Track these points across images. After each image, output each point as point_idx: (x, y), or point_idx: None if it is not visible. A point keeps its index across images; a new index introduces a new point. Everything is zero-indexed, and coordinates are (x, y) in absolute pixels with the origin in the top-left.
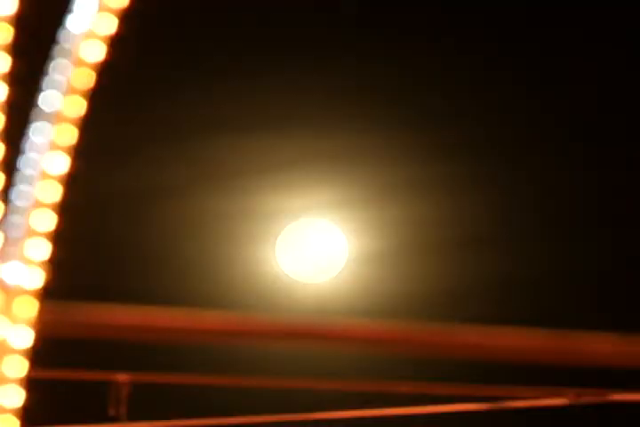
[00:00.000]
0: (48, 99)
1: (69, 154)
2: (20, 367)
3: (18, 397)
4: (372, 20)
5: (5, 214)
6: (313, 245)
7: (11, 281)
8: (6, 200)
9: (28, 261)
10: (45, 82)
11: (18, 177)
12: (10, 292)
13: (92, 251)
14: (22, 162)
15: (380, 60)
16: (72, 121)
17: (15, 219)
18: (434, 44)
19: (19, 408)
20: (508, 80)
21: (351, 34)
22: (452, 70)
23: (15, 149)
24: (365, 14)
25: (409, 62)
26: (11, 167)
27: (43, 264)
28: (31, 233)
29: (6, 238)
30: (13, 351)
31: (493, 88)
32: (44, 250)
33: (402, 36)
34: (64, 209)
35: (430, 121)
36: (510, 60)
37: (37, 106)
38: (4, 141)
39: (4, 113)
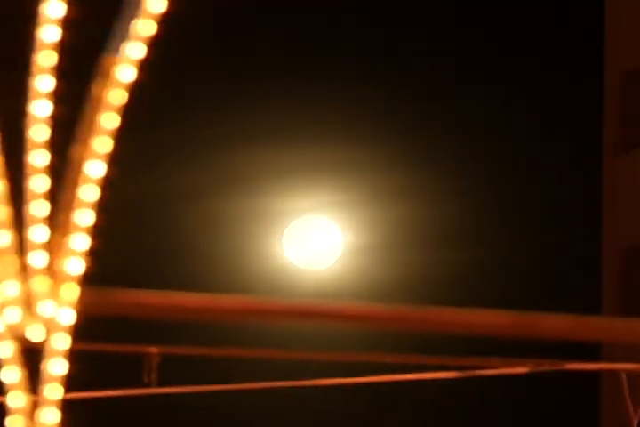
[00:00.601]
0: (87, 113)
1: (106, 161)
2: (65, 342)
3: (63, 367)
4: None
5: (52, 212)
6: (314, 239)
7: (57, 269)
8: (53, 200)
9: (71, 253)
10: (85, 99)
11: (62, 180)
12: (57, 278)
13: (128, 243)
14: (66, 167)
15: (366, 85)
16: (109, 133)
17: (61, 216)
18: (408, 72)
19: (64, 376)
20: (471, 106)
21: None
22: (424, 98)
23: (61, 156)
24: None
25: (390, 88)
26: (56, 172)
27: (84, 255)
28: (74, 228)
29: (52, 233)
30: (60, 328)
31: (461, 114)
32: (85, 242)
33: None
34: (103, 207)
35: (412, 137)
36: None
37: (78, 120)
38: (49, 150)
39: (50, 126)
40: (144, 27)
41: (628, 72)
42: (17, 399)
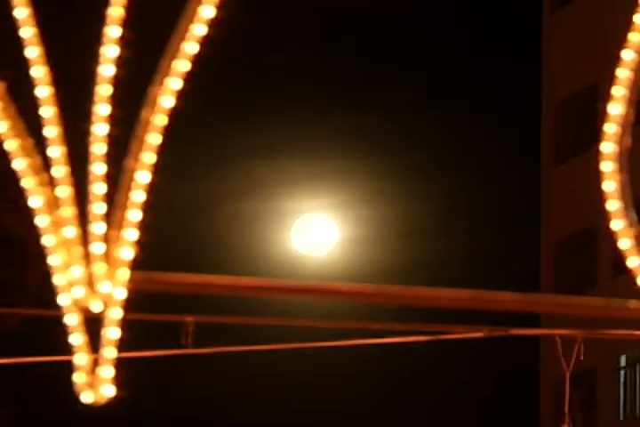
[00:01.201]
0: (137, 132)
1: (151, 170)
2: (119, 313)
3: (117, 332)
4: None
5: (109, 211)
6: (315, 232)
7: (113, 256)
8: (110, 202)
9: (124, 243)
10: (135, 121)
11: (117, 186)
12: (112, 263)
13: (170, 235)
14: (120, 175)
15: (352, 111)
16: (154, 148)
17: (116, 214)
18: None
19: (118, 340)
20: (435, 132)
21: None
22: (403, 125)
23: (116, 167)
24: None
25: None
26: (112, 179)
27: (134, 245)
28: (126, 224)
29: (109, 228)
30: (115, 302)
31: (427, 137)
32: (135, 235)
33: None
34: (150, 207)
35: (390, 154)
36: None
37: (129, 138)
38: (107, 162)
39: (107, 143)
40: (181, 64)
41: (563, 98)
42: (81, 359)
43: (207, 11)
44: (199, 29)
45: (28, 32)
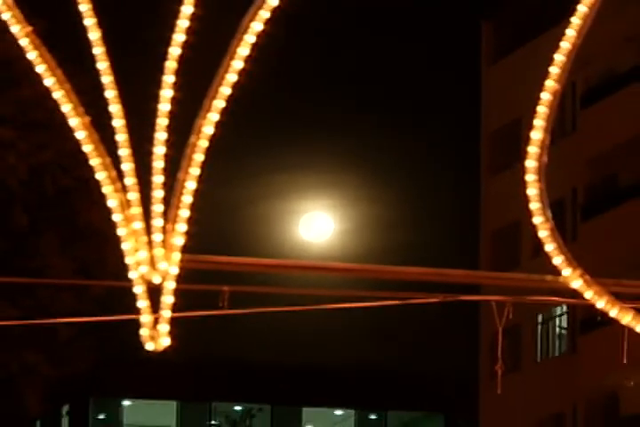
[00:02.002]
0: (191, 141)
1: (197, 180)
2: (173, 284)
3: (172, 298)
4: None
5: (165, 210)
6: (316, 225)
7: (169, 243)
8: (166, 203)
9: (177, 234)
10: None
11: (172, 191)
12: (168, 248)
13: (209, 228)
14: (174, 184)
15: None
16: (198, 164)
17: (171, 213)
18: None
19: (172, 304)
20: (393, 153)
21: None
22: (375, 150)
23: (171, 177)
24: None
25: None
26: (168, 188)
27: (184, 234)
28: (179, 219)
29: (166, 222)
30: (170, 277)
31: (386, 157)
32: (185, 228)
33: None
34: (197, 206)
35: (368, 169)
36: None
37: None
38: (164, 174)
39: (164, 160)
40: (219, 102)
41: (497, 128)
42: (145, 318)
43: (238, 63)
44: (232, 77)
45: (103, 68)
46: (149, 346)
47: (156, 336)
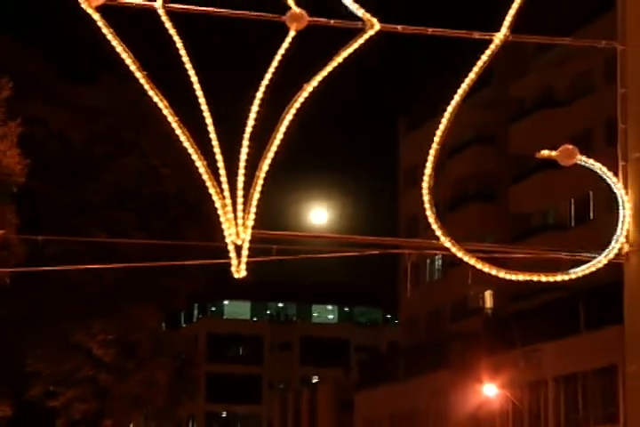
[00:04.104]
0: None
1: (261, 188)
2: (247, 245)
3: (247, 252)
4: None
5: (244, 203)
6: (318, 215)
7: (246, 223)
8: (245, 200)
9: (249, 219)
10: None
11: (248, 193)
12: (245, 226)
13: (267, 217)
14: (251, 189)
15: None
16: (260, 184)
17: (247, 205)
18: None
19: (247, 255)
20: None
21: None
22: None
23: (248, 185)
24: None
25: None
26: (245, 191)
27: (252, 220)
28: (250, 209)
29: (244, 212)
30: (247, 241)
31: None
32: (253, 216)
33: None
34: (260, 203)
35: (352, 182)
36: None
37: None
38: (243, 188)
39: (243, 175)
40: (277, 143)
41: (410, 167)
42: (234, 261)
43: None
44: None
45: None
46: (236, 275)
47: (239, 270)
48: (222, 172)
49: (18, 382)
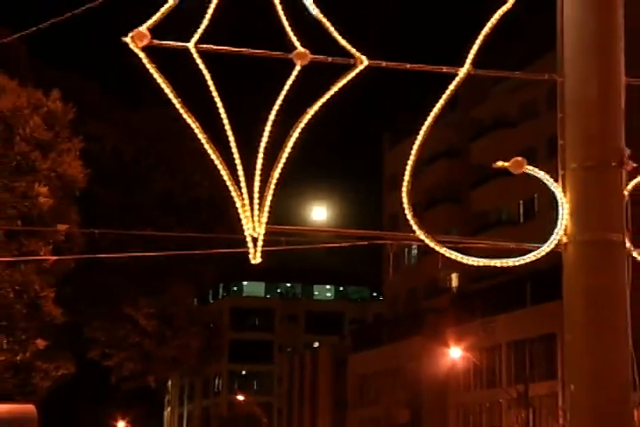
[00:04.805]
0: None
1: (273, 192)
2: (262, 237)
3: (262, 241)
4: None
5: (259, 203)
6: (318, 213)
7: (260, 220)
8: (260, 202)
9: (263, 216)
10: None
11: (262, 196)
12: (260, 222)
13: (277, 214)
14: (264, 193)
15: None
16: (272, 188)
17: (262, 204)
18: None
19: (262, 245)
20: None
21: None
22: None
23: (263, 189)
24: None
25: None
26: (260, 193)
27: (265, 217)
28: (265, 209)
29: (259, 211)
30: (261, 235)
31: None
32: (266, 213)
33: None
34: (272, 204)
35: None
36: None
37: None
38: (259, 191)
39: (259, 181)
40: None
41: (392, 175)
42: (251, 249)
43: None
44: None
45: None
46: (253, 261)
47: (256, 257)
48: (242, 180)
49: (80, 346)
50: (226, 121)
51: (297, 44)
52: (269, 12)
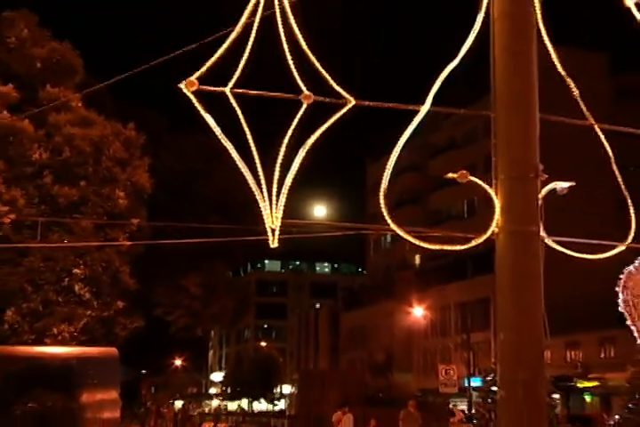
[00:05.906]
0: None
1: (285, 195)
2: (278, 227)
3: (277, 233)
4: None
5: (277, 203)
6: (319, 210)
7: (276, 215)
8: (276, 202)
9: (279, 211)
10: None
11: (278, 198)
12: (275, 217)
13: (289, 213)
14: (279, 196)
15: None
16: (286, 189)
17: (277, 205)
18: None
19: (278, 235)
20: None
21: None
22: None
23: (278, 193)
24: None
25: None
26: (277, 197)
27: (280, 213)
28: (280, 208)
29: (275, 209)
30: (278, 227)
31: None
32: (281, 210)
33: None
34: (285, 205)
35: (342, 192)
36: None
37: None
38: (276, 192)
39: (277, 187)
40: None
41: (373, 184)
42: (270, 237)
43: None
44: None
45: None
46: (272, 245)
47: (274, 243)
48: (264, 186)
49: (148, 307)
50: (252, 144)
51: (303, 87)
52: (276, 58)
